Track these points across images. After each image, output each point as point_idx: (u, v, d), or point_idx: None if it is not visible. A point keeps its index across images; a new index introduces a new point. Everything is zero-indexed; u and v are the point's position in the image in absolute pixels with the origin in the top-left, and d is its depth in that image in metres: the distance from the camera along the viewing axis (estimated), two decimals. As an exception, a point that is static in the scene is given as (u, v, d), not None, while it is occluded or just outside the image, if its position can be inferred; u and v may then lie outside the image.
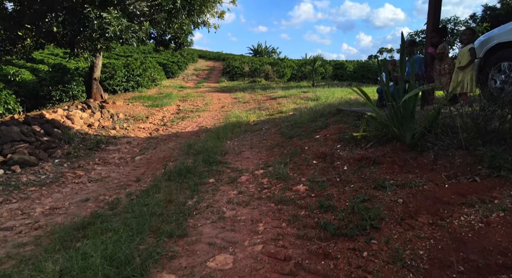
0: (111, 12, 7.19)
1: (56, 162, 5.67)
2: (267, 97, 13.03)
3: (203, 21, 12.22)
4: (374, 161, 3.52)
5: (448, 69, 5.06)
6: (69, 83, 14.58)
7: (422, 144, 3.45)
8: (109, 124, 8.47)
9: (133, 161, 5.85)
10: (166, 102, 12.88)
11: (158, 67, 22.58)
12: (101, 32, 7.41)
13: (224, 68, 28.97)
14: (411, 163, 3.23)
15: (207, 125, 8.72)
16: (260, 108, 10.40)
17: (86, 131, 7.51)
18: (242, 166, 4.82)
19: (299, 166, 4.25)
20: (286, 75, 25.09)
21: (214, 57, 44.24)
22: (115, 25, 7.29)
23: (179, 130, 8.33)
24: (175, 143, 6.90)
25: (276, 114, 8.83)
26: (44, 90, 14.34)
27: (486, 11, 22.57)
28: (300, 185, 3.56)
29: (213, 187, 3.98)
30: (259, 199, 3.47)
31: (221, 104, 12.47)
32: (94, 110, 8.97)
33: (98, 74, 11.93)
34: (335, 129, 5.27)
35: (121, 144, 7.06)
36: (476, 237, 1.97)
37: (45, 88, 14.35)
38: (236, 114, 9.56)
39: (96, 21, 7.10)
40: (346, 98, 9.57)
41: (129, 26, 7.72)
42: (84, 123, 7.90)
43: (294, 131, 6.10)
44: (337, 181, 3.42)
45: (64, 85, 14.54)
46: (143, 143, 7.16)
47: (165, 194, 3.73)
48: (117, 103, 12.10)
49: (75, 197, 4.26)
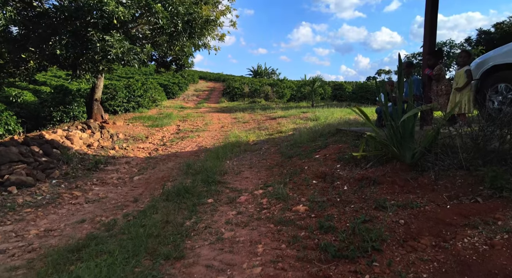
0: (114, 35, 7.36)
1: (53, 183, 5.62)
2: (266, 117, 13.12)
3: (204, 44, 12.49)
4: (374, 181, 3.49)
5: (445, 90, 5.12)
6: (70, 104, 14.74)
7: (422, 163, 3.44)
8: (108, 145, 8.47)
9: (132, 181, 5.79)
10: (166, 123, 12.94)
11: (159, 88, 22.89)
12: (103, 54, 7.56)
13: (224, 89, 29.34)
14: (412, 183, 3.20)
15: (207, 145, 8.72)
16: (260, 128, 10.45)
17: (85, 151, 7.49)
18: (241, 186, 4.78)
19: (299, 186, 4.21)
20: (286, 96, 25.38)
21: (214, 78, 44.88)
22: (117, 47, 7.44)
23: (179, 150, 8.32)
24: (174, 162, 6.87)
25: (275, 134, 8.86)
26: (45, 111, 14.48)
27: (481, 35, 23.20)
28: (300, 205, 3.51)
29: (212, 207, 3.92)
30: (258, 220, 3.41)
31: (221, 124, 12.54)
32: (94, 130, 9.00)
33: (99, 95, 12.07)
34: (334, 149, 5.26)
35: (119, 164, 7.03)
36: (480, 260, 1.92)
37: (46, 109, 14.50)
38: (236, 134, 9.58)
39: (99, 44, 7.25)
40: (345, 118, 9.64)
41: (131, 48, 7.88)
42: (83, 144, 7.90)
43: (293, 151, 6.09)
44: (337, 201, 3.37)
45: (65, 106, 14.70)
46: (142, 163, 7.13)
47: (163, 214, 3.67)
48: (117, 124, 12.15)
49: (71, 218, 4.18)
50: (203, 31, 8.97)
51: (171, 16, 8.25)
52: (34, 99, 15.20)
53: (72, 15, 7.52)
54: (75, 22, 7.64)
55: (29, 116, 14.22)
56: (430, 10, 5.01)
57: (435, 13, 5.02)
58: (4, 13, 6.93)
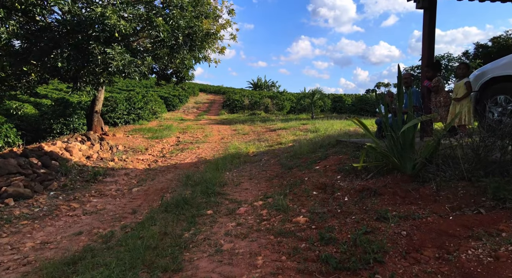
0: (115, 48, 7.44)
1: (51, 194, 5.57)
2: (266, 129, 13.14)
3: (205, 56, 12.65)
4: (375, 192, 3.46)
5: (443, 102, 5.14)
6: (70, 117, 14.80)
7: (423, 174, 3.41)
8: (108, 156, 8.44)
9: (130, 192, 5.74)
10: (166, 134, 12.95)
11: (159, 100, 23.05)
12: (104, 66, 7.63)
13: (224, 101, 29.53)
14: (413, 194, 3.17)
15: (207, 156, 8.70)
16: (260, 140, 10.44)
17: (84, 163, 7.46)
18: (241, 197, 4.73)
19: (299, 197, 4.17)
20: (286, 108, 25.51)
21: (214, 90, 45.21)
22: (118, 60, 7.52)
23: (178, 162, 8.28)
24: (174, 174, 6.83)
25: (275, 145, 8.85)
26: (45, 124, 14.56)
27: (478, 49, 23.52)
28: (300, 217, 3.46)
29: (211, 219, 3.87)
30: (258, 231, 3.36)
31: (220, 136, 12.54)
32: (94, 142, 8.99)
33: (99, 107, 12.12)
34: (335, 160, 5.24)
35: (118, 175, 6.98)
36: (485, 272, 1.87)
37: (46, 122, 14.58)
38: (236, 146, 9.57)
39: (100, 56, 7.33)
40: (345, 130, 9.65)
41: (132, 61, 7.96)
42: (83, 155, 7.87)
43: (293, 162, 6.06)
44: (338, 212, 3.33)
45: (65, 118, 14.75)
46: (141, 175, 7.08)
47: (161, 226, 3.62)
48: (117, 135, 12.16)
49: (68, 230, 4.12)
50: (203, 44, 9.10)
51: (172, 29, 8.37)
52: (35, 112, 15.28)
53: (74, 29, 7.63)
54: (77, 35, 7.75)
55: (29, 129, 14.26)
56: (428, 24, 5.08)
57: (432, 27, 5.09)
58: (7, 27, 7.02)
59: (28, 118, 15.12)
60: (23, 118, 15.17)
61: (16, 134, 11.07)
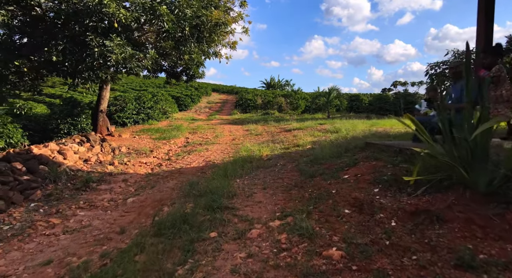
0: (114, 39, 6.69)
1: (31, 207, 4.81)
2: (281, 129, 12.22)
3: (215, 52, 11.85)
4: (437, 217, 2.52)
5: (506, 96, 4.12)
6: (78, 117, 14.30)
7: (506, 192, 2.46)
8: (108, 159, 7.72)
9: (125, 203, 4.93)
10: (175, 135, 12.21)
11: (170, 99, 22.46)
12: (103, 60, 6.89)
13: (237, 101, 28.79)
14: (498, 223, 2.22)
15: (215, 160, 7.86)
16: (274, 141, 9.53)
17: (79, 167, 6.74)
18: (253, 213, 3.85)
19: (327, 217, 3.26)
20: (300, 107, 24.50)
21: (227, 90, 44.55)
22: (117, 53, 6.77)
23: (184, 166, 7.48)
24: (177, 181, 6.01)
25: (292, 148, 7.92)
26: (52, 124, 14.10)
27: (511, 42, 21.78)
28: (333, 249, 2.56)
29: (215, 245, 3.01)
30: (276, 268, 2.48)
31: (232, 137, 11.70)
32: (94, 143, 8.29)
33: (104, 106, 11.47)
34: (367, 167, 4.30)
35: (116, 181, 6.21)
36: None
37: (54, 122, 14.12)
38: (248, 148, 8.70)
39: (97, 49, 6.59)
40: (371, 130, 8.61)
41: (134, 54, 7.20)
42: (79, 158, 7.16)
43: (315, 169, 5.15)
44: (387, 246, 2.41)
45: (73, 118, 14.27)
46: (141, 181, 6.30)
47: (149, 256, 2.78)
48: (123, 136, 11.49)
49: (36, 257, 3.33)
50: (212, 36, 8.25)
51: (178, 19, 7.58)
52: (47, 111, 14.91)
53: (70, 19, 6.93)
54: (73, 26, 7.04)
55: (37, 129, 13.83)
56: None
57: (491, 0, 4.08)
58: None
59: (36, 118, 14.73)
60: (32, 118, 14.78)
61: (23, 134, 10.57)
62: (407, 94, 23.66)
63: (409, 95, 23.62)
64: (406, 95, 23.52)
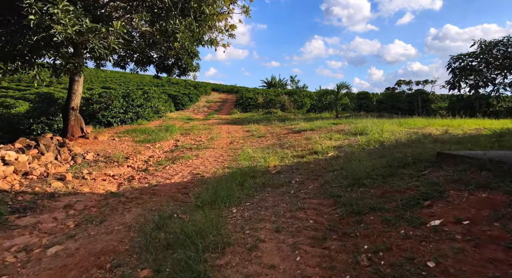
0: (59, 3, 4.71)
1: None
2: (288, 130, 10.22)
3: (210, 39, 9.88)
4: None
5: None
6: (54, 116, 12.40)
7: None
8: (61, 171, 5.75)
9: (39, 260, 2.85)
10: (162, 137, 10.23)
11: (164, 97, 20.53)
12: (46, 35, 4.91)
13: (237, 100, 26.97)
14: None
15: (205, 172, 5.88)
16: (282, 146, 7.53)
17: (6, 187, 4.66)
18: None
19: None
20: (306, 105, 22.50)
21: (227, 90, 42.73)
22: (67, 24, 4.79)
23: (162, 181, 5.50)
24: (142, 210, 4.00)
25: (308, 155, 5.91)
26: (24, 124, 12.24)
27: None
28: None
29: None
30: None
31: (230, 139, 9.70)
32: (44, 150, 6.29)
33: (76, 103, 9.49)
34: (474, 204, 2.32)
35: (53, 209, 4.16)
36: None
37: (26, 121, 12.26)
38: (249, 155, 6.71)
39: (34, 16, 4.62)
40: (419, 132, 6.52)
41: (93, 28, 5.22)
42: (14, 172, 5.16)
43: (359, 196, 3.17)
44: None
45: (48, 117, 12.37)
46: (92, 207, 4.28)
47: None
48: (100, 138, 9.52)
49: None
50: (202, 8, 6.23)
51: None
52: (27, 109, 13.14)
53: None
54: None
55: (7, 130, 12.01)
56: None
57: None
58: None
59: (9, 117, 12.91)
60: (3, 117, 12.97)
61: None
62: (423, 92, 21.62)
63: (424, 93, 21.59)
64: (422, 93, 21.50)
